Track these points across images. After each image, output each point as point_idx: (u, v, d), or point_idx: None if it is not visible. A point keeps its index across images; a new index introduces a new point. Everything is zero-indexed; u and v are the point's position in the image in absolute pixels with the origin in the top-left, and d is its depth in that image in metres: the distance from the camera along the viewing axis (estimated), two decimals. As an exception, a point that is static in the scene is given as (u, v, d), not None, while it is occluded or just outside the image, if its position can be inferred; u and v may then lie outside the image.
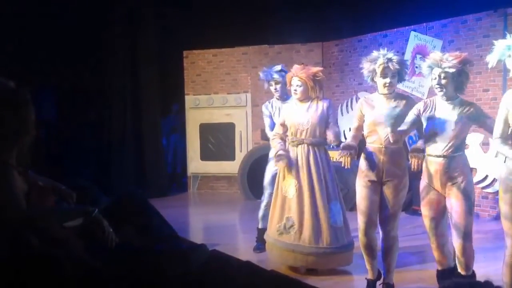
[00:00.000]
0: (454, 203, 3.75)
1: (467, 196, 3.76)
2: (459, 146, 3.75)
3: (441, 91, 3.75)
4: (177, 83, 10.41)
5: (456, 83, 3.73)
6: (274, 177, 5.34)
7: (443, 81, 3.72)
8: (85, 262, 2.22)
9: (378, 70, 3.97)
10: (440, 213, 3.84)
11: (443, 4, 7.74)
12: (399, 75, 4.02)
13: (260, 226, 5.71)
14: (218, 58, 10.14)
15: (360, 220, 4.05)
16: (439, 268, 3.94)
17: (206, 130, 10.06)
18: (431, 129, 3.78)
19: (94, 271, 2.21)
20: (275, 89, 5.62)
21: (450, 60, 3.68)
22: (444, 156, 3.74)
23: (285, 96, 5.62)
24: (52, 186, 2.69)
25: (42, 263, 2.11)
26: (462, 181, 3.75)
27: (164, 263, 2.34)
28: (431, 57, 3.80)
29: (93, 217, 2.35)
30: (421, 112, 3.85)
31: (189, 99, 10.22)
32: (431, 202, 3.85)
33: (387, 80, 3.97)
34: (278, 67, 5.71)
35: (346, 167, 3.95)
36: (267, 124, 5.70)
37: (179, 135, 10.86)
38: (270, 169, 5.57)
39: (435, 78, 3.74)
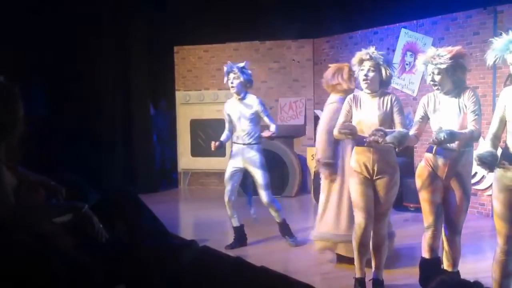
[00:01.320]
0: (453, 199, 3.76)
1: (467, 195, 3.78)
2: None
3: (436, 87, 3.75)
4: (167, 78, 10.38)
5: (452, 78, 3.70)
6: (232, 174, 5.56)
7: (436, 78, 3.70)
8: (74, 258, 2.22)
9: (356, 61, 3.99)
10: (442, 200, 3.81)
11: (433, 2, 7.76)
12: (379, 72, 3.95)
13: (234, 224, 5.75)
14: (209, 54, 10.12)
15: (360, 217, 4.00)
16: (427, 257, 3.84)
17: (197, 126, 10.04)
18: (436, 124, 3.75)
19: (83, 267, 2.20)
20: (232, 82, 5.50)
21: (442, 56, 3.67)
22: (452, 150, 3.70)
23: (242, 93, 5.54)
24: (41, 181, 2.68)
25: (30, 259, 2.10)
26: (466, 178, 3.76)
27: (154, 259, 2.34)
28: (425, 54, 3.79)
29: (83, 213, 2.35)
30: (426, 107, 3.83)
31: (180, 95, 10.19)
32: (436, 189, 3.78)
33: (364, 72, 3.95)
34: (242, 64, 5.66)
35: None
36: (226, 128, 5.67)
37: (169, 131, 10.84)
38: (230, 166, 5.61)
39: (430, 75, 3.74)
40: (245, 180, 6.00)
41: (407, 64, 8.13)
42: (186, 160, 10.15)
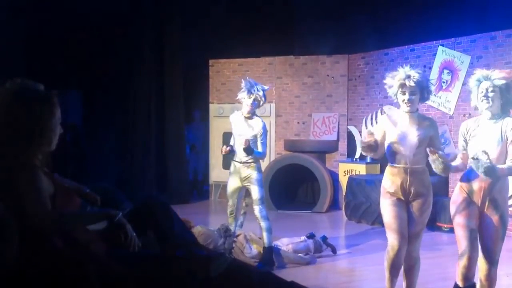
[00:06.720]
0: (489, 225, 3.64)
1: (504, 221, 3.65)
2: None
3: (487, 103, 3.60)
4: (201, 91, 10.48)
5: (504, 99, 3.60)
6: (233, 192, 5.58)
7: (490, 94, 3.60)
8: (106, 265, 2.24)
9: (396, 86, 3.93)
10: (478, 226, 3.69)
11: (472, 20, 7.66)
12: (421, 93, 3.91)
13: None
14: (244, 68, 10.17)
15: (394, 239, 3.91)
16: (461, 285, 3.71)
17: (229, 139, 10.03)
18: (473, 150, 3.62)
19: (115, 274, 2.22)
20: (252, 104, 5.47)
21: (499, 73, 3.61)
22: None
23: (252, 116, 5.56)
24: (77, 189, 2.73)
25: (65, 265, 2.13)
26: (502, 204, 3.64)
27: (184, 269, 2.35)
28: (480, 71, 3.71)
29: (116, 221, 2.37)
30: (466, 135, 3.74)
31: (213, 108, 10.27)
32: (472, 214, 3.67)
33: (406, 97, 3.89)
34: (266, 87, 5.62)
35: None
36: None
37: (202, 143, 10.92)
38: (230, 183, 5.63)
39: (482, 92, 3.63)
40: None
41: (444, 82, 8.02)
42: (217, 173, 10.18)
